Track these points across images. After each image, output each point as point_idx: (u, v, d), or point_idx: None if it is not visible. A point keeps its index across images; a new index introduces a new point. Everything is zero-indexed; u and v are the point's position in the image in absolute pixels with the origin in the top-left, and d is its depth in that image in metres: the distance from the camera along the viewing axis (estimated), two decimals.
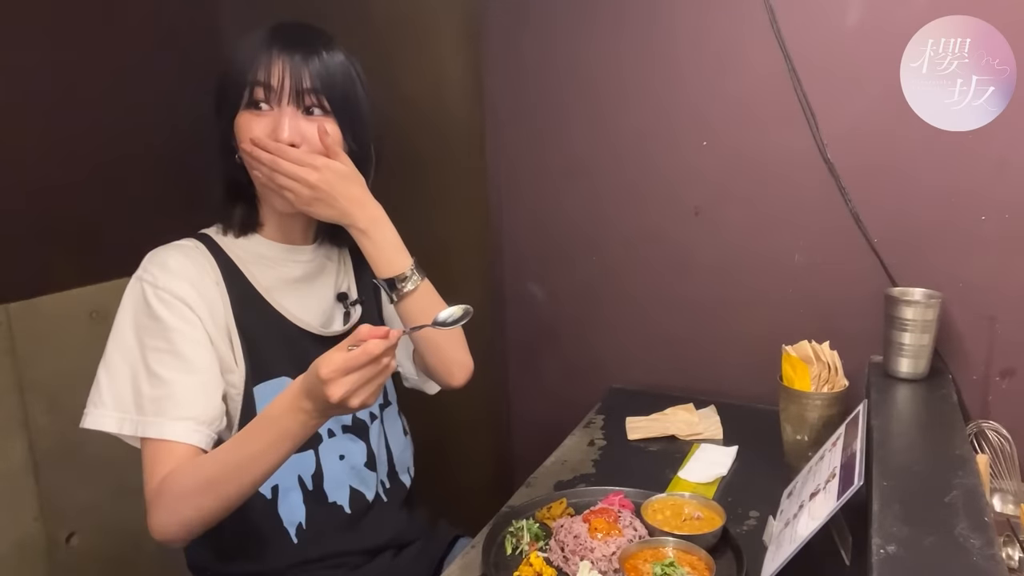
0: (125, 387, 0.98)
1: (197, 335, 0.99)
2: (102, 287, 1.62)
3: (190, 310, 0.99)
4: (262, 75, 0.99)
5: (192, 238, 1.08)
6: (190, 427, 0.96)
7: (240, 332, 1.03)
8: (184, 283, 1.00)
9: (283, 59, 0.99)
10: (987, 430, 1.28)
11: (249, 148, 0.99)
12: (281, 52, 0.99)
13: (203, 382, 0.99)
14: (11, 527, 1.47)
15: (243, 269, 1.07)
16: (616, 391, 1.69)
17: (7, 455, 1.46)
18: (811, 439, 1.23)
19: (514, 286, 1.80)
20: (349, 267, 1.22)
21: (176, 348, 0.98)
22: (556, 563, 1.01)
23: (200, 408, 0.98)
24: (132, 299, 1.01)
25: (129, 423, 0.97)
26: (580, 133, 1.64)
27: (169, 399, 0.96)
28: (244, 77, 1.00)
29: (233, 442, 0.93)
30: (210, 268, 1.04)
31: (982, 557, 0.75)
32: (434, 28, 1.69)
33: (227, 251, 1.07)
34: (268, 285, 1.08)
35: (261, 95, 1.00)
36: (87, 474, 1.60)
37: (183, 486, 0.93)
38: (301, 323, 1.09)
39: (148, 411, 0.97)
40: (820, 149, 1.43)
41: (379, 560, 1.15)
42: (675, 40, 1.51)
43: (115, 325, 1.01)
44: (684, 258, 1.60)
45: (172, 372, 0.97)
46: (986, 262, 1.34)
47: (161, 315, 0.98)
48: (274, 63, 0.99)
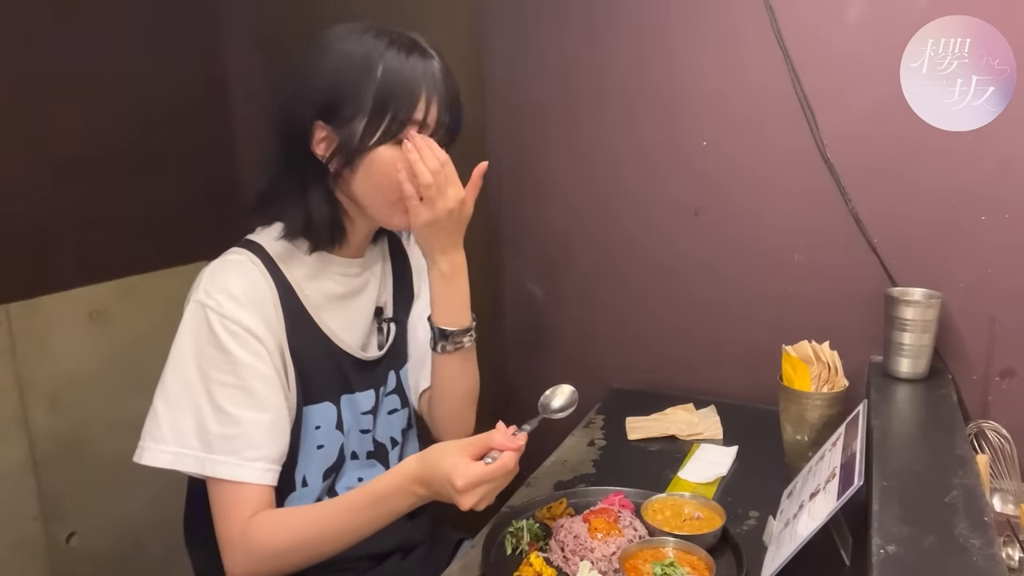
0: (187, 421, 0.94)
1: (267, 370, 0.96)
2: (102, 287, 1.63)
3: (259, 343, 0.96)
4: (419, 114, 0.98)
5: (245, 250, 1.02)
6: (263, 467, 0.95)
7: (292, 355, 1.02)
8: (253, 313, 0.96)
9: (436, 98, 0.99)
10: (987, 430, 1.28)
11: (418, 142, 0.98)
12: (433, 91, 0.98)
13: (274, 420, 0.97)
14: (11, 527, 1.47)
15: (295, 287, 1.04)
16: (616, 391, 1.69)
17: (7, 455, 1.46)
18: (811, 439, 1.22)
19: (514, 286, 1.80)
20: (389, 281, 1.20)
21: (247, 384, 0.95)
22: (556, 563, 1.01)
23: (273, 448, 0.97)
24: (194, 325, 0.95)
25: (192, 460, 0.94)
26: (580, 133, 1.64)
27: (242, 439, 0.94)
28: (398, 113, 0.97)
29: (334, 509, 0.96)
30: (268, 291, 1.00)
31: (982, 557, 0.75)
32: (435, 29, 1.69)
33: (280, 265, 1.03)
34: (316, 304, 1.06)
35: (412, 132, 0.99)
36: (87, 474, 1.60)
37: (277, 544, 0.94)
38: (344, 345, 1.08)
39: (218, 449, 0.93)
40: (820, 149, 1.43)
41: (386, 565, 1.15)
42: (675, 40, 1.51)
43: (174, 352, 0.96)
44: (684, 258, 1.60)
45: (243, 410, 0.94)
46: (986, 262, 1.34)
47: (229, 348, 0.94)
48: (431, 103, 0.98)
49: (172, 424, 0.95)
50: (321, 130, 0.98)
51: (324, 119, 0.98)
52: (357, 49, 0.97)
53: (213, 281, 0.97)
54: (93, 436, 1.61)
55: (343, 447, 1.10)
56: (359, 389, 1.11)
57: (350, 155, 0.98)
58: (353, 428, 1.11)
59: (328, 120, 0.98)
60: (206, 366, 0.94)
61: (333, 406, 1.07)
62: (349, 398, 1.10)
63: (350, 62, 0.96)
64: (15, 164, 1.45)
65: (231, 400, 0.94)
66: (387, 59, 0.96)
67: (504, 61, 1.68)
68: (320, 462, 1.07)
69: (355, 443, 1.12)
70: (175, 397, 0.95)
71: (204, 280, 0.97)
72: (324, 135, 0.99)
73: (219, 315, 0.94)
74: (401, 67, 0.96)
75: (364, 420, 1.12)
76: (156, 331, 1.73)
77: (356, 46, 0.97)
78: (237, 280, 0.97)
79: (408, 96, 0.96)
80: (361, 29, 0.99)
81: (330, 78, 0.97)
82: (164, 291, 1.76)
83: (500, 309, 1.82)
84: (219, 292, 0.95)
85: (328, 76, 0.97)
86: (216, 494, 0.96)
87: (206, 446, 0.94)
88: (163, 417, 0.95)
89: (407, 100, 0.96)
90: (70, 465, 1.57)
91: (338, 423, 1.08)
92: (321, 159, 1.00)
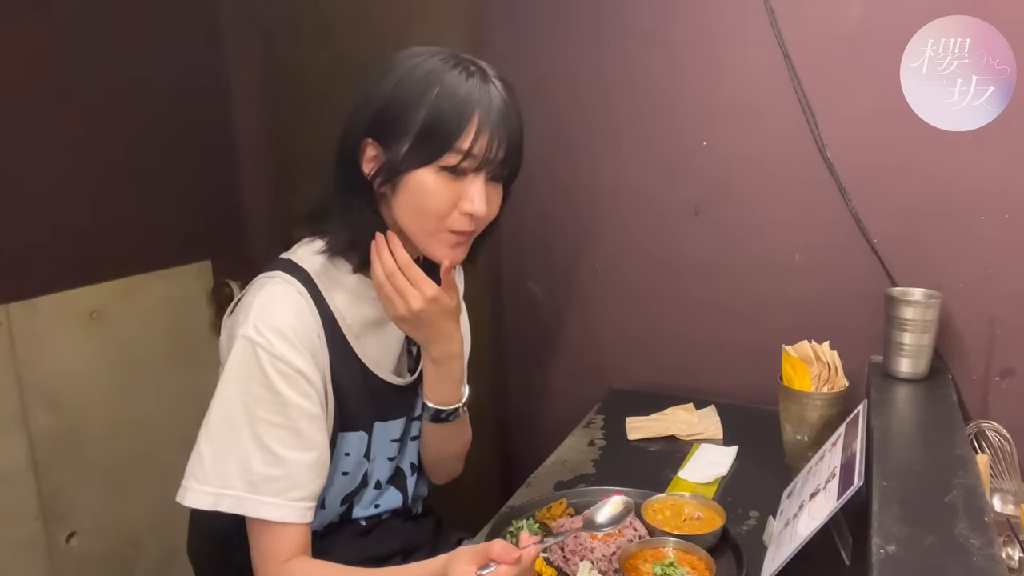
0: (231, 461, 0.93)
1: (314, 410, 0.95)
2: (102, 287, 1.62)
3: (308, 383, 0.95)
4: (465, 143, 0.92)
5: (290, 276, 0.99)
6: (305, 507, 0.95)
7: (333, 384, 1.01)
8: (303, 352, 0.95)
9: (490, 128, 0.93)
10: (987, 430, 1.28)
11: (382, 243, 0.97)
12: (487, 120, 0.92)
13: (317, 458, 0.96)
14: (11, 527, 1.47)
15: (337, 315, 1.02)
16: (616, 391, 1.69)
17: (7, 455, 1.46)
18: (811, 439, 1.22)
19: (514, 286, 1.80)
20: None
21: (295, 425, 0.94)
22: (556, 563, 1.01)
23: (315, 485, 0.96)
24: (244, 364, 0.93)
25: (232, 500, 0.93)
26: (580, 133, 1.64)
27: (287, 480, 0.93)
28: (444, 138, 0.92)
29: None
30: (314, 323, 0.98)
31: (982, 557, 0.75)
32: (435, 30, 1.69)
33: (323, 291, 1.01)
34: (355, 332, 1.04)
35: (455, 161, 0.93)
36: (87, 474, 1.60)
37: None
38: (379, 371, 1.07)
39: (263, 491, 0.92)
40: (820, 149, 1.43)
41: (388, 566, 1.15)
42: (675, 40, 1.51)
43: (222, 389, 0.94)
44: (684, 258, 1.60)
45: (289, 451, 0.93)
46: (986, 262, 1.34)
47: (279, 389, 0.93)
48: (482, 132, 0.92)
49: (216, 464, 0.93)
50: (371, 148, 0.96)
51: (374, 137, 0.95)
52: (419, 70, 0.93)
53: (262, 317, 0.94)
54: (93, 436, 1.61)
55: (367, 474, 1.10)
56: (391, 416, 1.10)
57: (391, 175, 0.95)
58: (380, 455, 1.11)
59: (378, 138, 0.95)
60: (253, 405, 0.93)
61: (366, 435, 1.07)
62: (381, 426, 1.09)
63: (408, 81, 0.93)
64: (15, 164, 1.45)
65: (279, 440, 0.93)
66: (445, 81, 0.92)
67: (504, 61, 1.67)
68: (341, 488, 1.07)
69: (379, 470, 1.12)
70: (219, 437, 0.94)
71: (253, 314, 0.94)
72: (374, 153, 0.96)
73: (270, 355, 0.92)
74: (456, 91, 0.91)
75: (391, 448, 1.12)
76: (156, 331, 1.76)
77: (419, 67, 0.94)
78: (286, 315, 0.95)
79: (458, 121, 0.91)
80: (432, 52, 0.96)
81: (387, 96, 0.94)
82: (164, 291, 1.76)
83: (500, 309, 1.82)
84: (269, 330, 0.93)
85: (385, 94, 0.94)
86: (257, 533, 0.95)
87: (250, 487, 0.93)
88: (207, 457, 0.94)
89: (456, 126, 0.91)
90: (70, 465, 1.57)
91: (367, 451, 1.08)
92: (367, 177, 0.97)
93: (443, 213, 0.95)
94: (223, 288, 1.85)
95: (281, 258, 1.04)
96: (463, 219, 0.95)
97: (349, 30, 1.72)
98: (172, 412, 1.72)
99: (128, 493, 1.67)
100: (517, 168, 1.00)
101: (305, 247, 1.04)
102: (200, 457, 0.94)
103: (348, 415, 1.03)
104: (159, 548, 1.75)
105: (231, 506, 0.92)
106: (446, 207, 0.95)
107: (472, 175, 0.94)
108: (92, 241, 1.60)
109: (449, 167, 0.93)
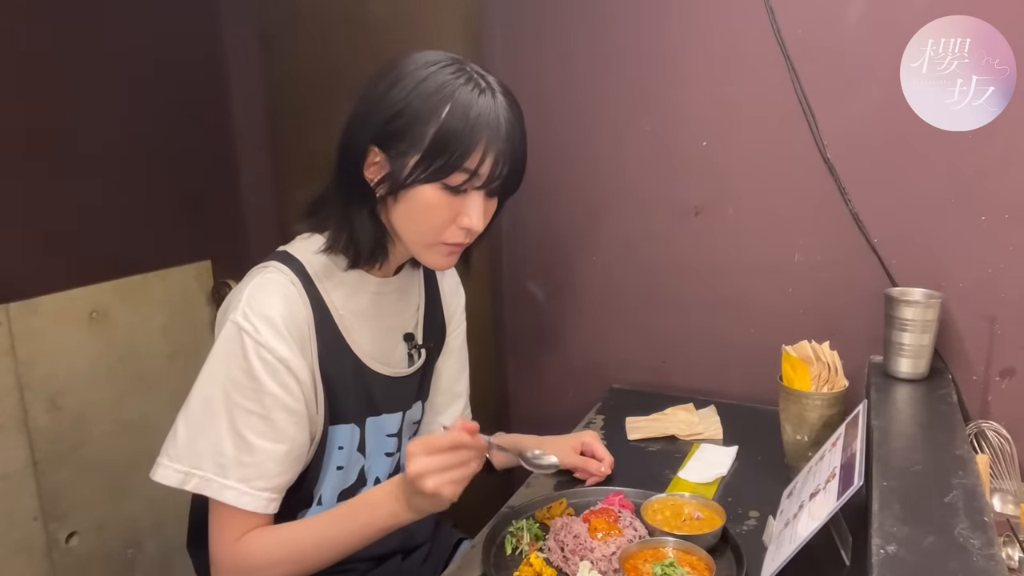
0: (204, 443, 0.94)
1: (293, 403, 0.96)
2: (102, 287, 1.63)
3: (291, 374, 0.95)
4: (472, 163, 0.92)
5: (285, 267, 1.00)
6: (268, 497, 0.96)
7: (323, 377, 1.01)
8: (290, 342, 0.95)
9: (496, 149, 0.93)
10: (987, 430, 1.28)
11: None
12: (494, 141, 0.92)
13: (288, 451, 0.97)
14: (11, 527, 1.47)
15: (331, 309, 1.03)
16: (616, 391, 1.69)
17: (7, 455, 1.46)
18: (811, 439, 1.22)
19: (514, 286, 1.80)
20: (421, 309, 1.19)
21: (269, 414, 0.94)
22: (556, 563, 1.01)
23: (282, 478, 0.97)
24: (228, 349, 0.94)
25: (199, 480, 0.94)
26: (580, 133, 1.64)
27: (255, 468, 0.94)
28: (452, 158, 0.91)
29: (315, 520, 0.98)
30: (305, 313, 0.99)
31: (982, 557, 0.75)
32: (434, 30, 1.69)
33: (318, 284, 1.02)
34: (350, 324, 1.05)
35: (460, 181, 0.93)
36: (87, 474, 1.60)
37: (269, 556, 0.95)
38: (373, 364, 1.08)
39: (231, 476, 0.94)
40: (820, 149, 1.43)
41: (386, 565, 1.15)
42: (675, 40, 1.51)
43: (205, 372, 0.95)
44: (684, 258, 1.60)
45: (261, 439, 0.94)
46: (986, 262, 1.34)
47: (259, 377, 0.93)
48: (488, 153, 0.92)
49: (189, 444, 0.95)
50: (375, 155, 0.96)
51: (380, 145, 0.95)
52: (429, 83, 0.92)
53: (252, 304, 0.94)
54: (93, 436, 1.61)
55: (364, 469, 1.10)
56: (385, 410, 1.11)
57: (395, 186, 0.95)
58: (376, 451, 1.11)
59: (383, 147, 0.95)
60: (232, 390, 0.94)
61: (357, 428, 1.07)
62: (375, 420, 1.09)
63: (418, 94, 0.92)
64: (15, 164, 1.45)
65: (251, 428, 0.94)
66: (456, 98, 0.91)
67: (504, 61, 1.68)
68: (337, 482, 1.07)
69: (378, 466, 1.12)
70: (196, 417, 0.95)
71: (244, 301, 0.95)
72: (377, 160, 0.96)
73: (255, 342, 0.93)
74: (468, 111, 0.91)
75: (389, 443, 1.12)
76: (156, 331, 1.76)
77: (429, 79, 0.92)
78: (277, 304, 0.95)
79: (467, 143, 0.91)
80: (441, 62, 0.94)
81: (395, 106, 0.93)
82: (164, 291, 1.76)
83: (500, 309, 1.82)
84: (258, 318, 0.94)
85: (394, 104, 0.93)
86: (217, 513, 0.97)
87: (219, 469, 0.94)
88: (181, 435, 0.95)
89: (464, 147, 0.91)
90: (70, 465, 1.57)
91: (360, 445, 1.08)
92: (369, 183, 0.98)
93: (441, 228, 0.97)
94: (223, 288, 1.85)
95: (278, 250, 1.05)
96: (460, 233, 0.97)
97: (349, 30, 1.72)
98: (172, 412, 1.70)
99: (128, 493, 1.67)
100: (517, 186, 1.00)
101: (303, 241, 1.06)
102: (175, 435, 0.96)
103: (338, 407, 1.04)
104: (159, 548, 1.75)
105: (197, 486, 0.94)
106: (445, 222, 0.96)
107: (473, 192, 0.95)
108: (92, 241, 1.60)
109: (453, 186, 0.94)
